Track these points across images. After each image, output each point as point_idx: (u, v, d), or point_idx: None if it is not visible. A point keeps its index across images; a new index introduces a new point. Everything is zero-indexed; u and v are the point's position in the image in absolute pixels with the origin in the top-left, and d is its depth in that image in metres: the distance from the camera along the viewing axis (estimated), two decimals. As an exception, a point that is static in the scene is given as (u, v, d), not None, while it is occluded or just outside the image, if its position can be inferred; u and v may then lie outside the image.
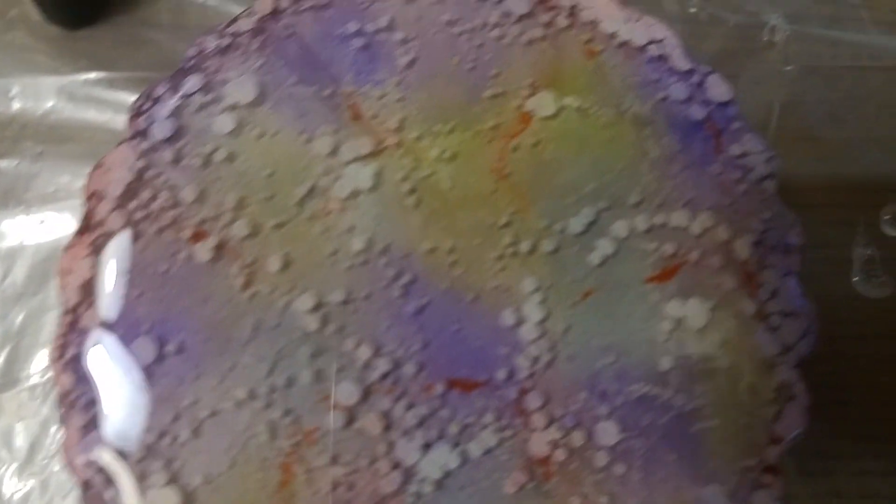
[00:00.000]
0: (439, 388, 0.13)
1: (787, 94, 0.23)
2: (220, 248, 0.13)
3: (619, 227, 0.13)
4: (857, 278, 0.23)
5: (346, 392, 0.12)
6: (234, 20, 0.14)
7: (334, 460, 0.12)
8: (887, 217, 0.23)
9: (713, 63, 0.25)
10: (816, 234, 0.23)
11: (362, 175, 0.13)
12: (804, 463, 0.22)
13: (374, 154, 0.13)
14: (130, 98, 0.17)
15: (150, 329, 0.12)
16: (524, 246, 0.13)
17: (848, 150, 0.24)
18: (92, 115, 0.21)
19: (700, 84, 0.14)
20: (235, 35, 0.13)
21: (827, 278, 0.23)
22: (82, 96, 0.21)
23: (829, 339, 0.23)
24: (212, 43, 0.13)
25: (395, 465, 0.12)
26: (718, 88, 0.14)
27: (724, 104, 0.14)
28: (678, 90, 0.14)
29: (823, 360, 0.23)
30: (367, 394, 0.12)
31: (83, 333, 0.12)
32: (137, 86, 0.21)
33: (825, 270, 0.23)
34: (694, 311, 0.13)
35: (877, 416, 0.22)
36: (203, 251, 0.13)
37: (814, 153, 0.23)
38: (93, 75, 0.20)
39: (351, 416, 0.12)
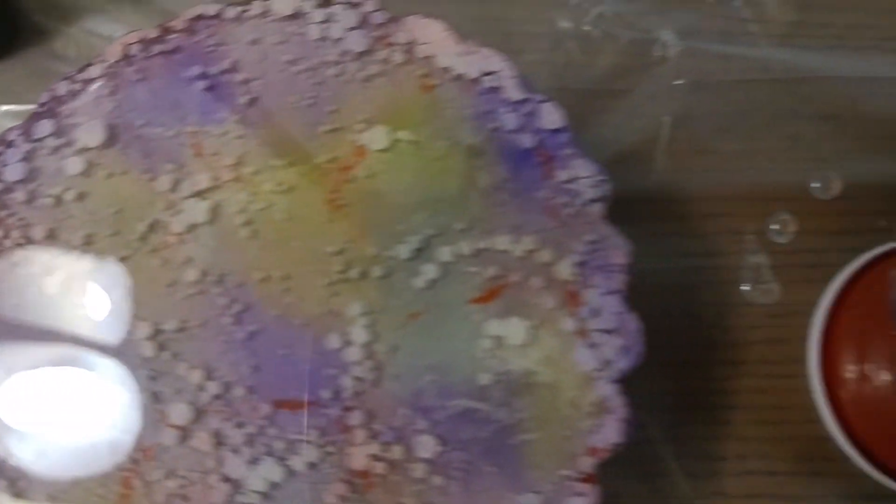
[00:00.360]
0: (267, 408, 0.14)
1: (679, 108, 0.24)
2: (68, 281, 0.14)
3: (445, 253, 0.14)
4: (745, 286, 0.24)
5: (179, 412, 0.13)
6: (86, 67, 0.15)
7: (170, 474, 0.13)
8: (775, 226, 0.24)
9: (607, 79, 0.26)
10: (707, 244, 0.24)
11: (199, 209, 0.14)
12: (691, 465, 0.23)
13: (212, 189, 0.14)
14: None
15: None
16: (354, 272, 0.14)
17: (738, 162, 0.24)
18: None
19: (532, 113, 0.15)
20: (87, 81, 0.15)
21: (717, 286, 0.24)
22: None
23: (715, 345, 0.24)
24: (64, 88, 0.14)
25: (225, 479, 0.13)
26: (551, 117, 0.15)
27: (556, 131, 0.15)
28: (509, 120, 0.15)
29: (712, 365, 0.24)
30: (199, 414, 0.13)
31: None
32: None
33: (715, 279, 0.24)
34: (514, 329, 0.14)
35: (762, 419, 0.23)
36: (52, 285, 0.14)
37: (705, 165, 0.24)
38: (3, 108, 0.21)
39: (185, 434, 0.13)
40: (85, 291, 0.14)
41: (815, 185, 0.24)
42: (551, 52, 0.24)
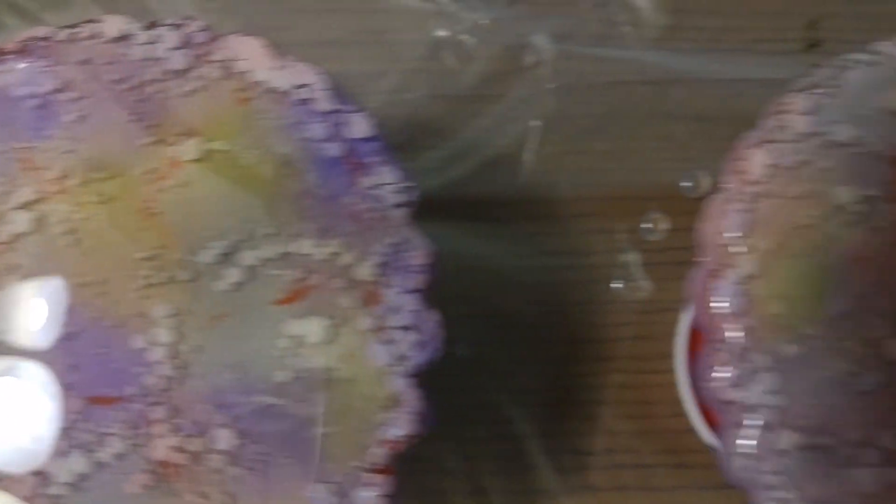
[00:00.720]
0: (80, 403, 0.15)
1: (553, 111, 0.25)
2: None
3: (251, 257, 0.15)
4: (617, 283, 0.24)
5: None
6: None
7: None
8: (647, 225, 0.24)
9: (481, 85, 0.26)
10: (579, 243, 0.25)
11: (24, 219, 0.15)
12: (559, 459, 0.24)
13: (37, 201, 0.16)
14: None
15: None
16: (163, 277, 0.15)
17: (610, 162, 0.25)
18: None
19: (341, 123, 0.16)
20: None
21: (588, 284, 0.25)
22: None
23: (586, 341, 0.25)
24: None
25: (37, 473, 0.14)
26: (360, 126, 0.16)
27: (365, 140, 0.16)
28: (319, 130, 0.16)
29: (581, 361, 0.25)
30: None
31: None
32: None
33: (587, 277, 0.25)
34: (314, 328, 0.15)
35: (630, 413, 0.24)
36: None
37: (578, 166, 0.25)
38: None
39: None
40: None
41: (685, 184, 0.24)
42: (427, 60, 0.25)
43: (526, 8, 0.26)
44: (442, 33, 0.25)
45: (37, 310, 0.15)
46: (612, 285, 0.23)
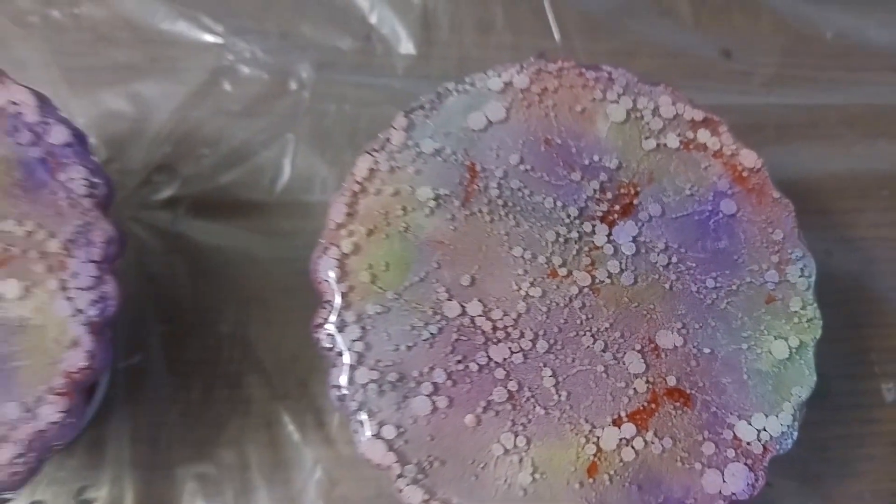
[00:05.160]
0: None
1: (309, 128, 0.31)
2: None
3: (-33, 233, 0.21)
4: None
5: None
6: None
7: None
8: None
9: (252, 105, 0.33)
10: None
11: None
12: (301, 418, 0.29)
13: None
14: None
15: None
16: None
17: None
18: None
19: (45, 132, 0.22)
20: None
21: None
22: None
23: None
24: None
25: None
26: (59, 135, 0.22)
27: (64, 145, 0.21)
28: (25, 136, 0.21)
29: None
30: None
31: None
32: None
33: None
34: (12, 287, 0.21)
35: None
36: None
37: (328, 174, 0.31)
38: None
39: None
40: None
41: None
42: (209, 84, 0.31)
43: (294, 41, 0.32)
44: (223, 62, 0.32)
45: None
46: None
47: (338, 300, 0.22)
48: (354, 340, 0.22)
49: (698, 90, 0.32)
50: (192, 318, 0.29)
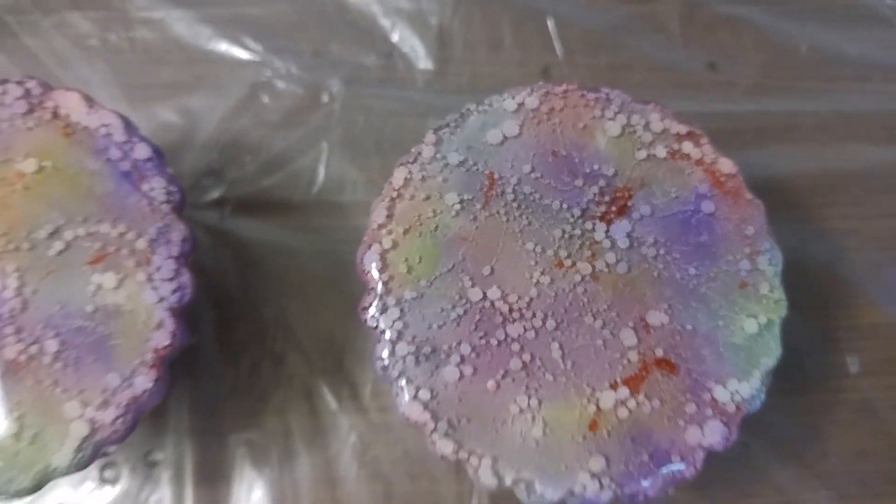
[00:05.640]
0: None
1: (340, 137, 0.35)
2: None
3: (70, 234, 0.25)
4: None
5: None
6: None
7: None
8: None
9: (288, 117, 0.37)
10: (358, 235, 0.35)
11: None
12: (338, 390, 0.33)
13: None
14: None
15: None
16: (12, 246, 0.25)
17: (382, 177, 0.33)
18: None
19: (131, 149, 0.26)
20: None
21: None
22: None
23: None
24: None
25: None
26: (142, 151, 0.26)
27: (146, 160, 0.26)
28: (116, 153, 0.25)
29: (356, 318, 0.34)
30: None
31: None
32: None
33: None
34: (109, 279, 0.25)
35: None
36: None
37: (358, 178, 0.35)
38: None
39: None
40: None
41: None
42: (249, 98, 0.35)
43: (325, 59, 0.36)
44: (262, 78, 0.35)
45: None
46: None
47: (380, 288, 0.26)
48: (395, 320, 0.26)
49: (687, 99, 0.36)
50: (240, 305, 0.32)
